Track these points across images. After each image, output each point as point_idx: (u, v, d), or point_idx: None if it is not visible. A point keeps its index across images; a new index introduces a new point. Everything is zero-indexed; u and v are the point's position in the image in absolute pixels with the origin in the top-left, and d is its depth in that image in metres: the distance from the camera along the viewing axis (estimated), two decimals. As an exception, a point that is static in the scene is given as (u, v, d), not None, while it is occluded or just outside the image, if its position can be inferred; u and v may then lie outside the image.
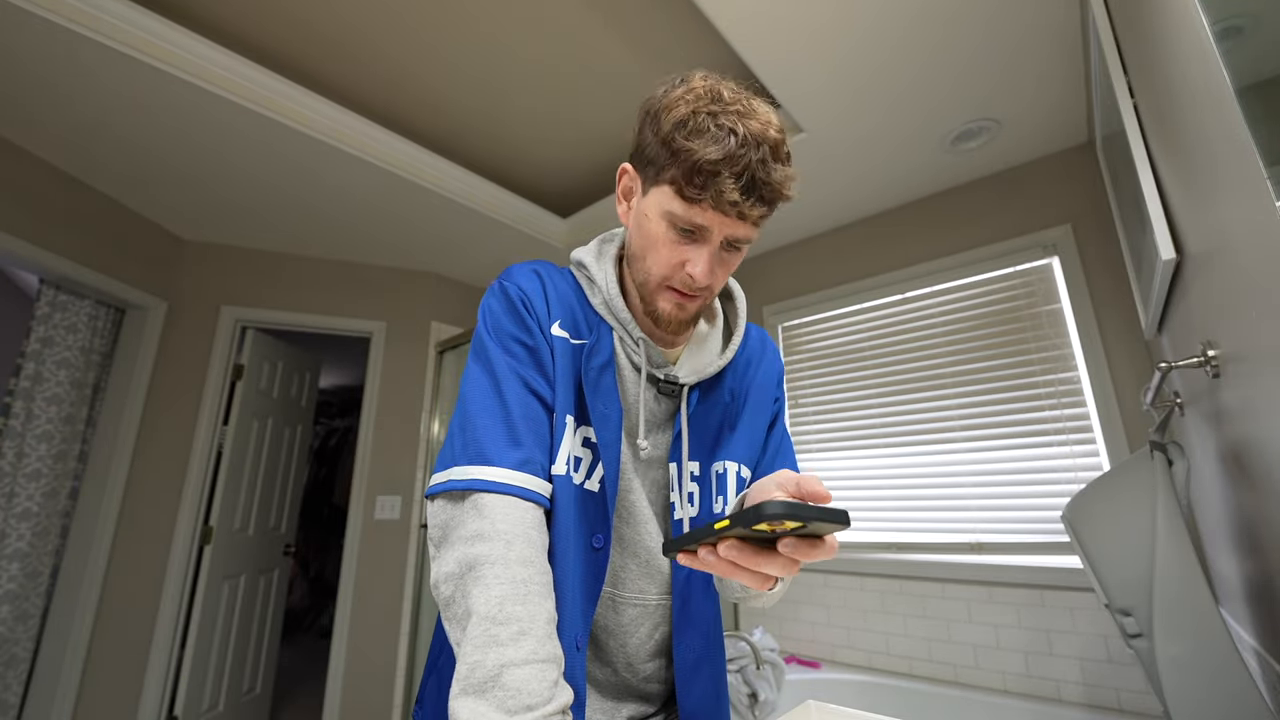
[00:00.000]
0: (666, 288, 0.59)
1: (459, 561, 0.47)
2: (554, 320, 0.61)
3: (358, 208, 2.17)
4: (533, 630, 0.44)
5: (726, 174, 0.51)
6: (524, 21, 1.51)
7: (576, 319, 0.63)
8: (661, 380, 0.64)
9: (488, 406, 0.55)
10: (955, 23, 1.36)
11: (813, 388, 2.32)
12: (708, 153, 0.51)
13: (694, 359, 0.68)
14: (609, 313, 0.64)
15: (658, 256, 0.58)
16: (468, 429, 0.54)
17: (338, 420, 5.22)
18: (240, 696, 2.40)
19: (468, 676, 0.41)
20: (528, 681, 0.41)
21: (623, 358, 0.64)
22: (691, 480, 0.65)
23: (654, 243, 0.58)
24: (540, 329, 0.60)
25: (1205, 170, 0.67)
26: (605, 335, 0.63)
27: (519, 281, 0.62)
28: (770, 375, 0.76)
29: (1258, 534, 0.75)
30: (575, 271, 0.68)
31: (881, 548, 2.02)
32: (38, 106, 1.60)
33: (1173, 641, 0.75)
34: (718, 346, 0.71)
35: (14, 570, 1.84)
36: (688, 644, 0.63)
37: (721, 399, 0.69)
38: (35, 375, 1.94)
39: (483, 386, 0.57)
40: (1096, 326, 1.71)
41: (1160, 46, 0.77)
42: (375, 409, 2.56)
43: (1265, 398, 0.61)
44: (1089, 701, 1.53)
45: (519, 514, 0.51)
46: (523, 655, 0.42)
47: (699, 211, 0.54)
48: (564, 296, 0.64)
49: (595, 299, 0.65)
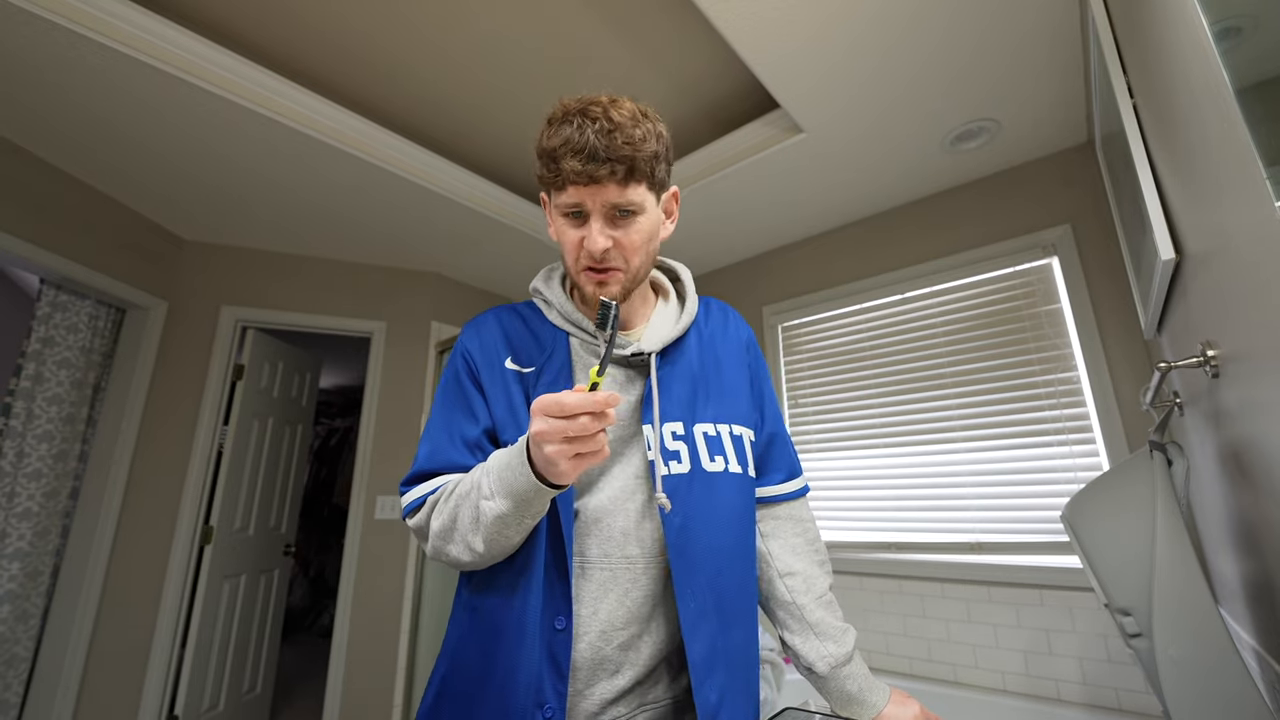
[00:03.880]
0: (584, 270, 0.66)
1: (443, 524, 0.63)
2: (507, 356, 0.71)
3: (358, 207, 2.17)
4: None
5: (568, 151, 0.60)
6: (524, 21, 1.51)
7: (530, 346, 0.71)
8: (629, 356, 0.68)
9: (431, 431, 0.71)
10: (954, 23, 1.36)
11: (813, 388, 2.32)
12: (550, 141, 0.61)
13: (653, 331, 0.74)
14: (565, 320, 0.72)
15: (565, 248, 0.66)
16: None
17: (338, 420, 5.22)
18: (240, 696, 2.40)
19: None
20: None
21: (582, 358, 0.70)
22: (675, 439, 0.68)
23: (561, 240, 0.66)
24: (484, 376, 0.70)
25: (1205, 170, 0.67)
26: (560, 347, 0.71)
27: (468, 342, 0.73)
28: (738, 339, 0.81)
29: (1257, 534, 0.75)
30: (534, 297, 0.77)
31: (881, 547, 2.02)
32: (38, 106, 1.60)
33: (1172, 641, 0.75)
34: (674, 316, 0.77)
35: (14, 570, 1.84)
36: (689, 600, 0.62)
37: (690, 365, 0.73)
38: (36, 375, 1.94)
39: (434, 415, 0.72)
40: (1096, 326, 1.71)
41: (1160, 46, 0.77)
42: (375, 409, 2.56)
43: (1265, 398, 0.61)
44: (1088, 701, 1.53)
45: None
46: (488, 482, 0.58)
47: (569, 193, 0.62)
48: (517, 330, 0.73)
49: (552, 314, 0.73)
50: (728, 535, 0.67)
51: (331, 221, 2.29)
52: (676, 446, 0.67)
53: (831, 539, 2.14)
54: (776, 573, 0.75)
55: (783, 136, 1.79)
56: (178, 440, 2.25)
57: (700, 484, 0.66)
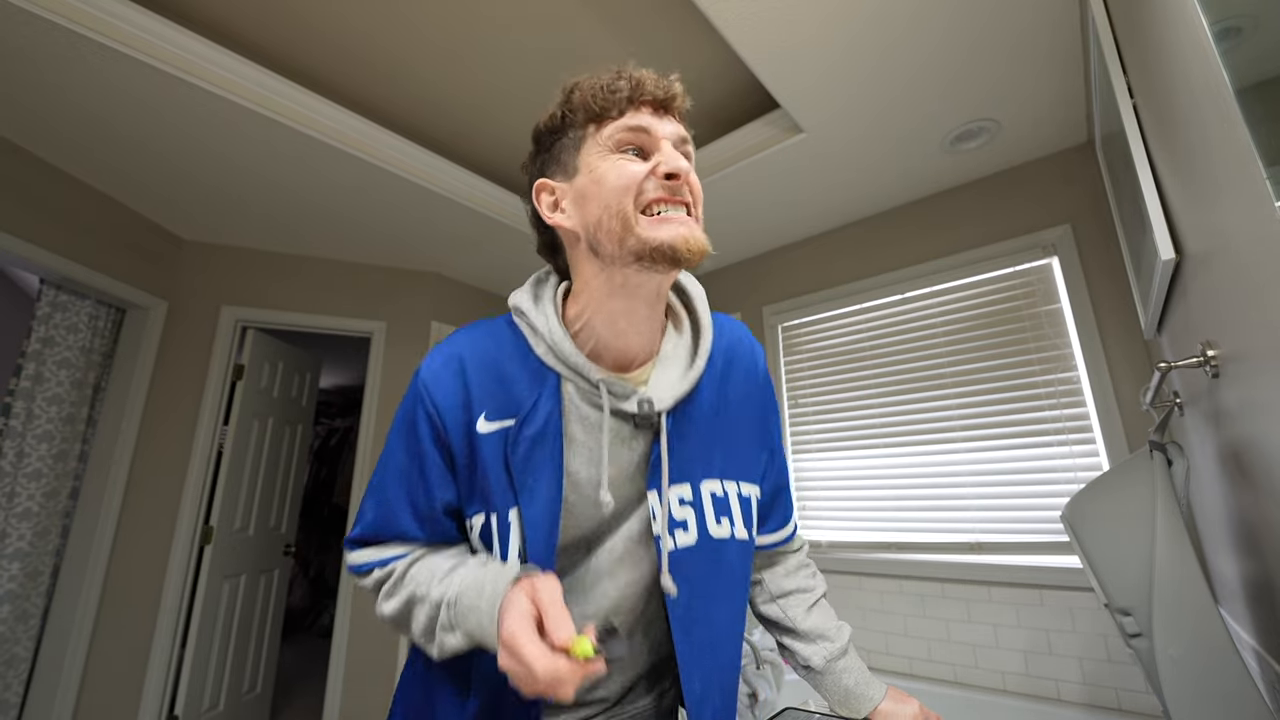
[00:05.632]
0: (649, 213, 0.54)
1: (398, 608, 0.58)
2: (479, 413, 0.57)
3: (358, 207, 2.17)
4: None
5: (626, 80, 0.56)
6: (525, 21, 1.51)
7: (508, 390, 0.58)
8: (636, 415, 0.57)
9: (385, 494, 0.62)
10: (954, 23, 1.35)
11: (812, 388, 2.32)
12: (604, 80, 0.57)
13: (665, 377, 0.61)
14: (556, 359, 0.58)
15: (621, 183, 0.54)
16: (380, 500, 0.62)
17: (338, 420, 5.22)
18: (240, 696, 2.40)
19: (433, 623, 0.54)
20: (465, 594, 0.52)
21: (578, 409, 0.58)
22: (682, 505, 0.59)
23: (611, 180, 0.54)
24: (454, 440, 0.58)
25: (1205, 170, 0.67)
26: (548, 393, 0.57)
27: (434, 395, 0.58)
28: (753, 372, 0.70)
29: (1257, 534, 0.75)
30: (516, 319, 0.61)
31: (881, 547, 2.02)
32: (38, 106, 1.59)
33: (1172, 641, 0.75)
34: (686, 355, 0.64)
35: (14, 570, 1.84)
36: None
37: (702, 415, 0.62)
38: (36, 375, 1.94)
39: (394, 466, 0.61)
40: (1096, 326, 1.71)
41: (1160, 46, 0.77)
42: (376, 409, 2.56)
43: (1265, 398, 0.61)
44: (1089, 701, 1.53)
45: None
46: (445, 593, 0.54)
47: (632, 116, 0.56)
48: (492, 369, 0.58)
49: (539, 347, 0.59)
50: (731, 605, 0.63)
51: (331, 221, 2.29)
52: (684, 515, 0.59)
53: (831, 539, 2.14)
54: (769, 595, 0.75)
55: (783, 136, 1.79)
56: (178, 440, 2.24)
57: (707, 555, 0.60)
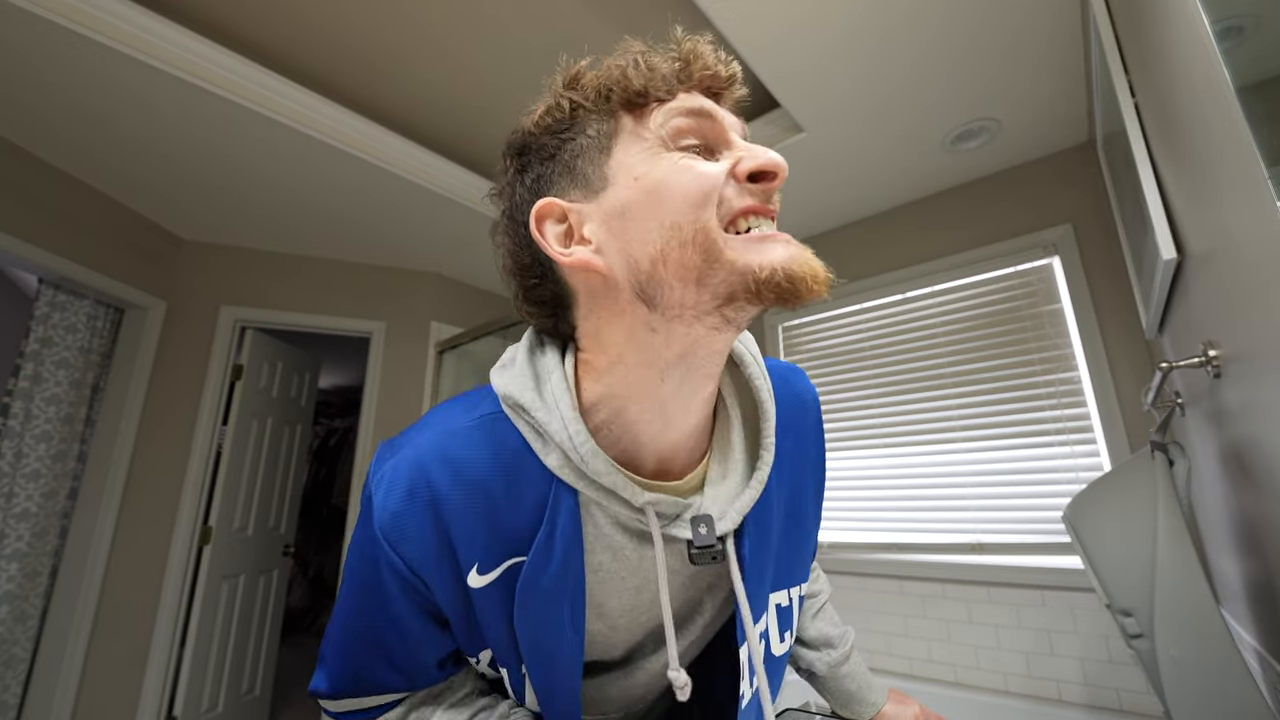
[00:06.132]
0: (745, 213, 0.38)
1: None
2: (469, 566, 0.41)
3: (358, 207, 2.17)
4: None
5: (673, 51, 0.42)
6: (525, 20, 1.51)
7: (508, 528, 0.41)
8: (692, 546, 0.41)
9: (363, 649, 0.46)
10: (954, 22, 1.35)
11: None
12: (632, 55, 0.42)
13: (723, 479, 0.45)
14: (578, 476, 0.40)
15: (697, 190, 0.37)
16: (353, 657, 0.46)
17: (337, 420, 5.22)
18: (240, 697, 2.39)
19: None
20: None
21: (606, 538, 0.43)
22: (760, 642, 0.46)
23: (678, 187, 0.37)
24: (439, 596, 0.42)
25: (1206, 170, 0.67)
26: (564, 515, 0.40)
27: (400, 549, 0.40)
28: (815, 434, 0.56)
29: (1259, 534, 0.75)
30: (514, 416, 0.42)
31: (882, 548, 2.02)
32: (37, 105, 1.59)
33: (1174, 642, 0.75)
34: (744, 446, 0.47)
35: (13, 571, 1.83)
36: None
37: (772, 514, 0.47)
38: (34, 375, 1.93)
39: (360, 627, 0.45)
40: (1097, 326, 1.71)
41: (1161, 45, 0.77)
42: (375, 409, 2.56)
43: (1267, 398, 0.61)
44: (1090, 702, 1.53)
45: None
46: None
47: (687, 98, 0.41)
48: (480, 505, 0.41)
49: (551, 458, 0.40)
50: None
51: (331, 221, 2.28)
52: (758, 648, 0.48)
53: (832, 540, 2.14)
54: None
55: (783, 136, 1.79)
56: (176, 440, 2.24)
57: (773, 679, 0.50)
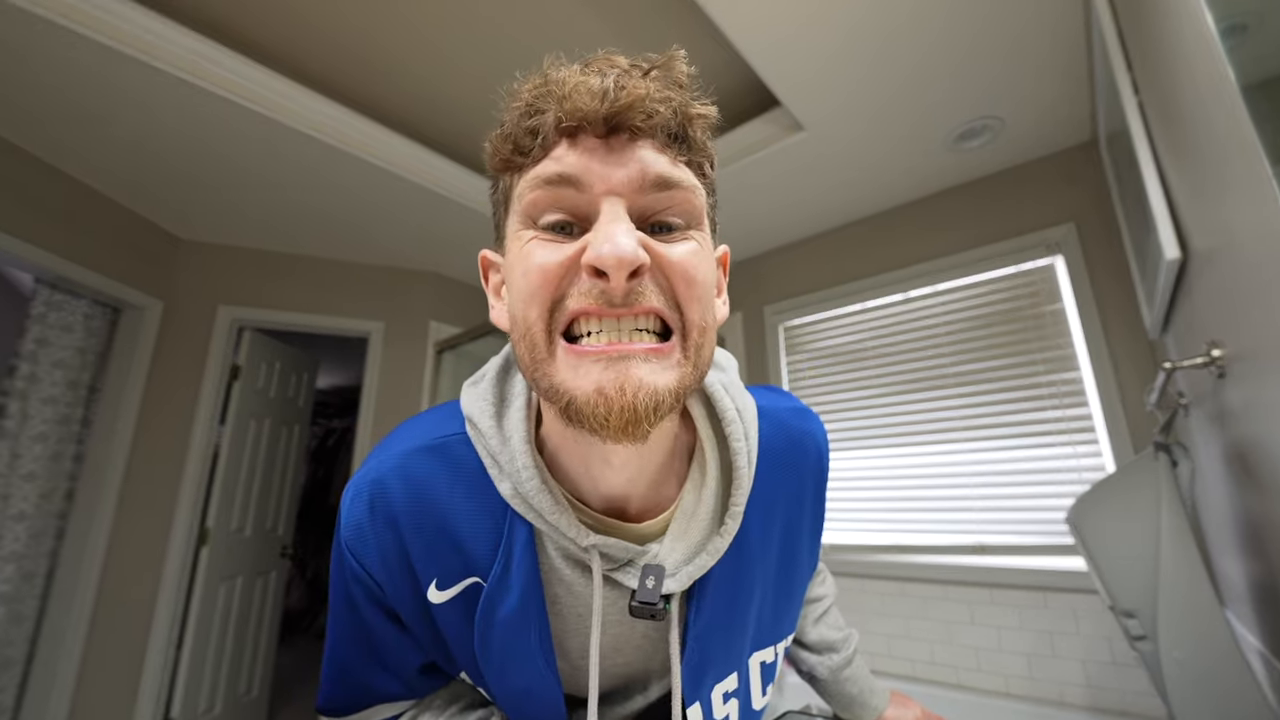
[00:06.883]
0: (579, 316, 0.34)
1: None
2: (428, 581, 0.42)
3: (356, 206, 2.16)
4: None
5: (547, 87, 0.35)
6: (525, 20, 1.50)
7: (465, 546, 0.41)
8: (634, 599, 0.39)
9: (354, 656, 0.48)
10: (956, 21, 1.35)
11: (814, 388, 2.31)
12: (528, 85, 0.36)
13: (685, 531, 0.42)
14: (527, 505, 0.40)
15: (526, 288, 0.34)
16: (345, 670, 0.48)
17: (335, 421, 5.21)
18: (238, 699, 2.38)
19: None
20: None
21: (558, 571, 0.42)
22: (725, 702, 0.45)
23: (516, 281, 0.35)
24: (402, 610, 0.44)
25: (1210, 168, 0.67)
26: (519, 549, 0.40)
27: (360, 558, 0.42)
28: (814, 481, 0.51)
29: (1263, 535, 0.74)
30: (475, 441, 0.42)
31: (883, 549, 2.01)
32: (34, 105, 1.58)
33: (1177, 644, 0.75)
34: (713, 504, 0.43)
35: (9, 572, 1.82)
36: None
37: (740, 580, 0.44)
38: (30, 376, 1.93)
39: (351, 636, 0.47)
40: (1100, 326, 1.70)
41: (1165, 44, 0.77)
42: (373, 409, 2.55)
43: (1271, 398, 0.60)
44: (1093, 704, 1.52)
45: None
46: None
47: (554, 160, 0.34)
48: (436, 521, 0.41)
49: (503, 485, 0.40)
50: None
51: (329, 220, 2.28)
52: (726, 710, 0.46)
53: (833, 541, 2.13)
54: None
55: (783, 135, 1.78)
56: (174, 441, 2.23)
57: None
